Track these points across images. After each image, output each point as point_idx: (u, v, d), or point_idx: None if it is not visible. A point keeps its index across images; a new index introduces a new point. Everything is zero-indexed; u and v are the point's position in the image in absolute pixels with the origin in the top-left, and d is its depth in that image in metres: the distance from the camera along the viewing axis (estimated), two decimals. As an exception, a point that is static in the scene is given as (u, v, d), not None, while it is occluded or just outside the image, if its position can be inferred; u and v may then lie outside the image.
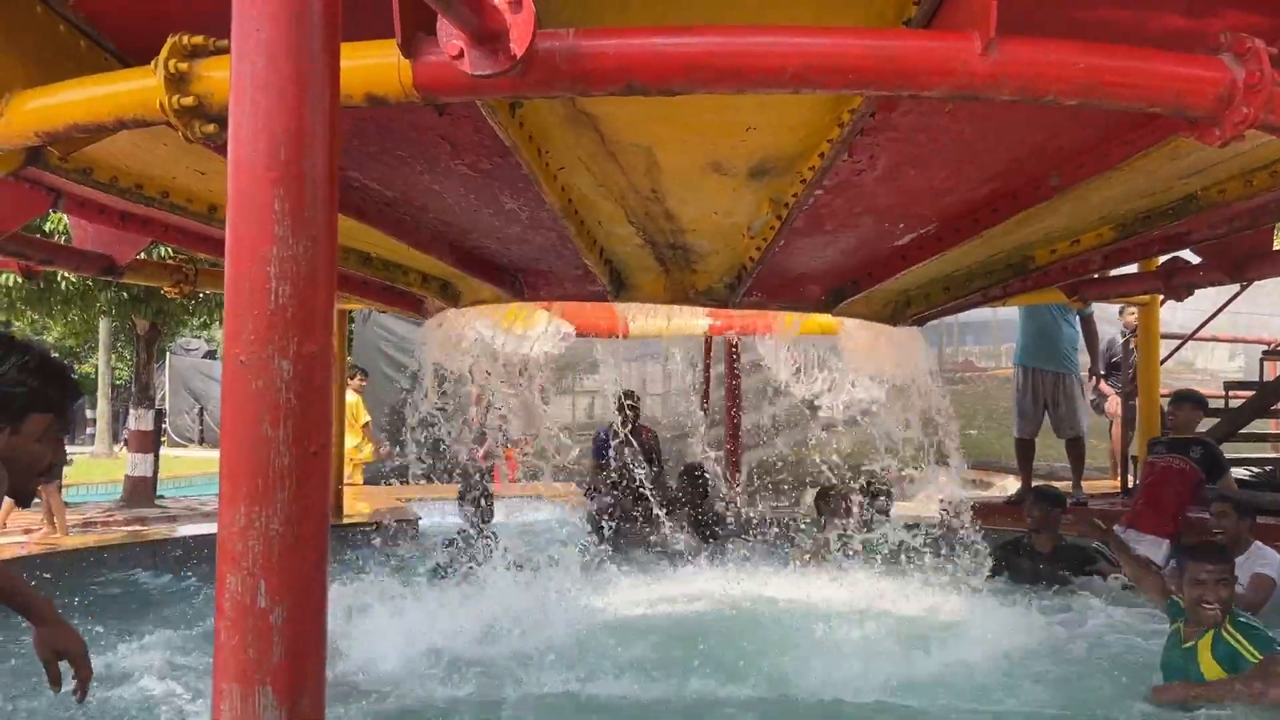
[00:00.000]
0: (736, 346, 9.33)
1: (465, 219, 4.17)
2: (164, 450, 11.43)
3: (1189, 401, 6.76)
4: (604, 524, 7.28)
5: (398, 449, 10.38)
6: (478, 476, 7.60)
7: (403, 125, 3.16)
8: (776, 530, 7.06)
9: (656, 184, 3.57)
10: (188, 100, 2.31)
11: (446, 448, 6.74)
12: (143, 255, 6.81)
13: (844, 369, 6.81)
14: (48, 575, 5.56)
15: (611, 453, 7.41)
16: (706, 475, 7.45)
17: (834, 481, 6.83)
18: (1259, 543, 5.25)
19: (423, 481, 10.35)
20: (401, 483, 10.80)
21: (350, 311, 10.40)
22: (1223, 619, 3.79)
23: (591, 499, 7.61)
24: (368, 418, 11.05)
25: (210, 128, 2.40)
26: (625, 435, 7.17)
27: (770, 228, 3.90)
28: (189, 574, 6.21)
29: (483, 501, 6.80)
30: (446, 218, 4.18)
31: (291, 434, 1.41)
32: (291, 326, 1.43)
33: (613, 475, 7.34)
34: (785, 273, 4.76)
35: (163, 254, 7.86)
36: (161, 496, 10.01)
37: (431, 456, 8.22)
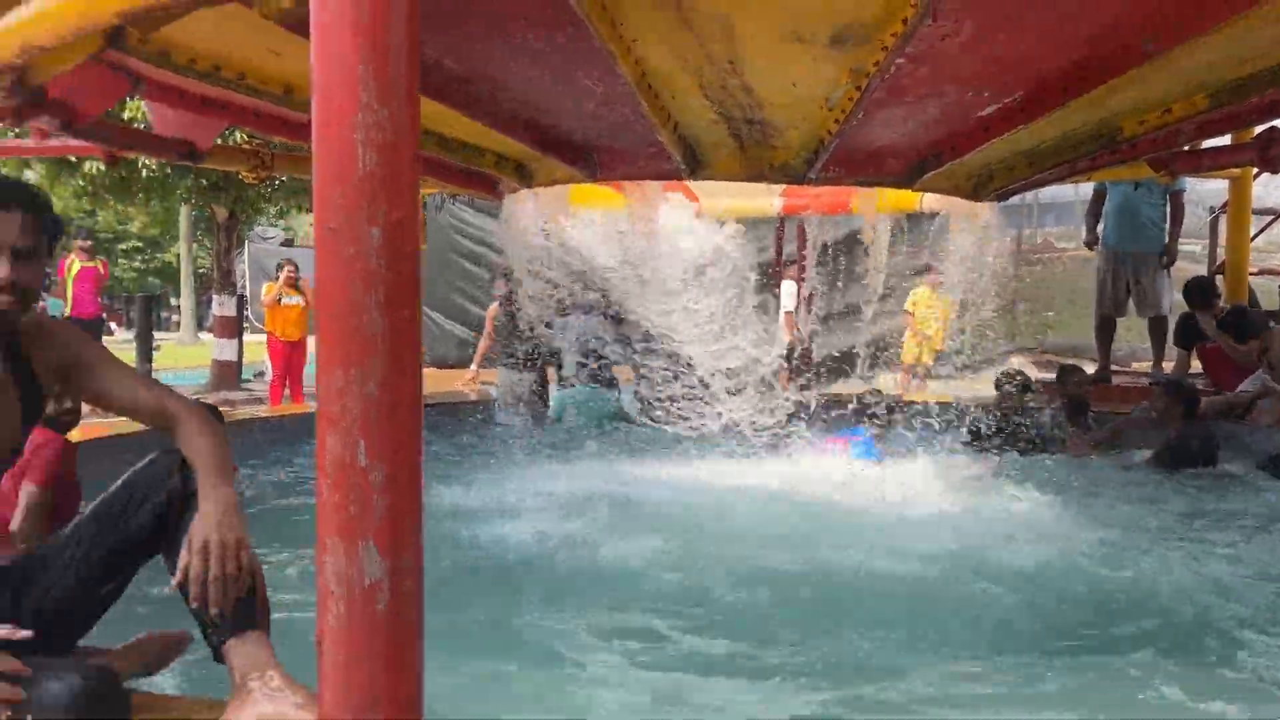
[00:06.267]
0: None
1: (540, 97, 4.13)
2: (245, 337, 11.74)
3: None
4: None
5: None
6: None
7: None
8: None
9: (734, 55, 3.48)
10: (264, -27, 2.30)
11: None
12: (219, 141, 6.89)
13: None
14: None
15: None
16: None
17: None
18: None
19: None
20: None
21: (424, 198, 10.45)
22: None
23: None
24: None
25: (286, 1, 2.39)
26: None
27: (849, 99, 3.80)
28: (277, 451, 6.42)
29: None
30: (522, 96, 4.14)
31: (383, 298, 1.44)
32: (379, 192, 1.44)
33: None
34: (864, 146, 4.65)
35: (238, 139, 7.96)
36: (246, 380, 10.31)
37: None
